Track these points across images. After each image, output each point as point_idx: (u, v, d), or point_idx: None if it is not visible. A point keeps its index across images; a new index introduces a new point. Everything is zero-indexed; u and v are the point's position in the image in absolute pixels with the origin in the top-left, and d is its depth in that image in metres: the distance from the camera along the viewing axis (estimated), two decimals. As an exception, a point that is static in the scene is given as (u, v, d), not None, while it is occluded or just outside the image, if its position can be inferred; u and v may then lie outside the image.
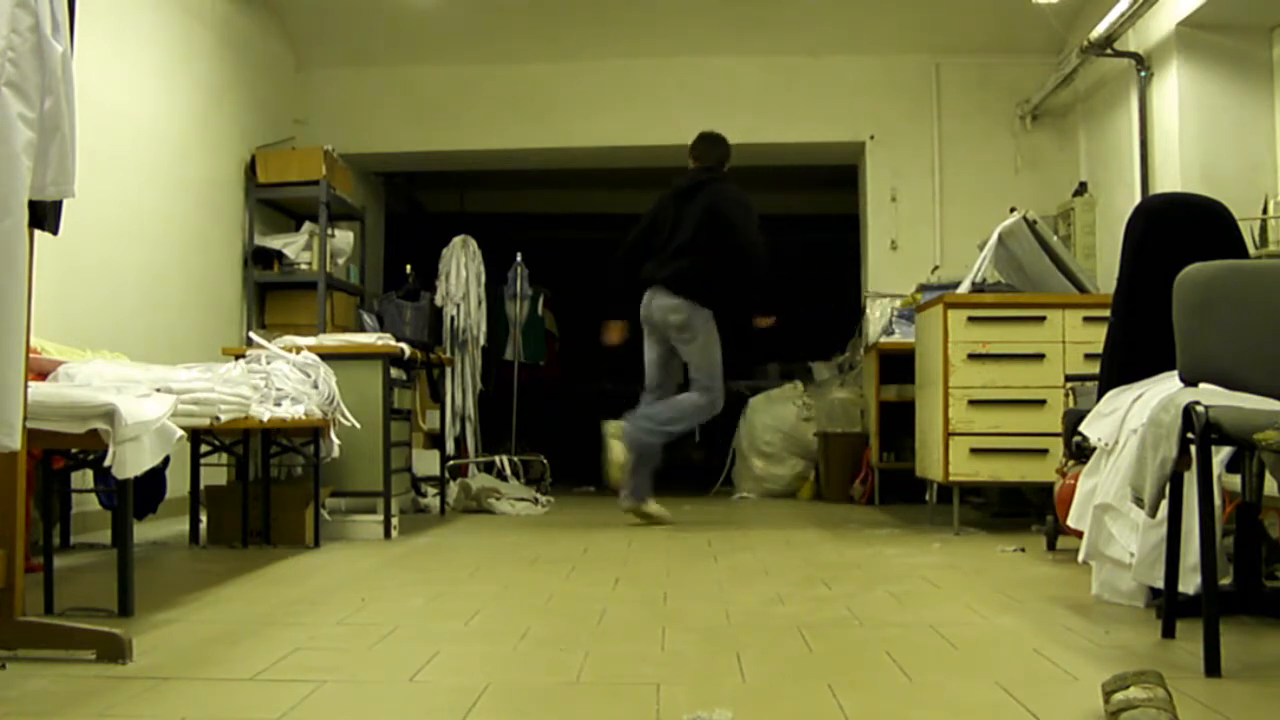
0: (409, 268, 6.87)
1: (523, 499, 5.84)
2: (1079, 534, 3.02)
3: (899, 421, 5.83)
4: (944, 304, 4.60)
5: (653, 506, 4.96)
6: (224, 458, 4.33)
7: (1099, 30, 5.40)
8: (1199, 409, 2.13)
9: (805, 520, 5.28)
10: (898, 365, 5.85)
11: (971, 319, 4.56)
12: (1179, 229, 3.02)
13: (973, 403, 4.51)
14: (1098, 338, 3.47)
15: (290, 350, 4.20)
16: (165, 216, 5.31)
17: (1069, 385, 4.33)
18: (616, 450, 4.94)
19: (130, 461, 2.46)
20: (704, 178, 5.18)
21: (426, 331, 6.50)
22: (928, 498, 5.15)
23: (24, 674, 2.04)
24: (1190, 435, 2.17)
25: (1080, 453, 3.28)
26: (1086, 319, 4.49)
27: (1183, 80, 5.10)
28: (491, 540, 4.49)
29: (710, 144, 5.29)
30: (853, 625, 2.62)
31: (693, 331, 4.98)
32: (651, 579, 3.38)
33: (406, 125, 7.16)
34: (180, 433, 2.68)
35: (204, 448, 4.15)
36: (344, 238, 6.51)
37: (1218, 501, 2.30)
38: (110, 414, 2.41)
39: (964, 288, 4.91)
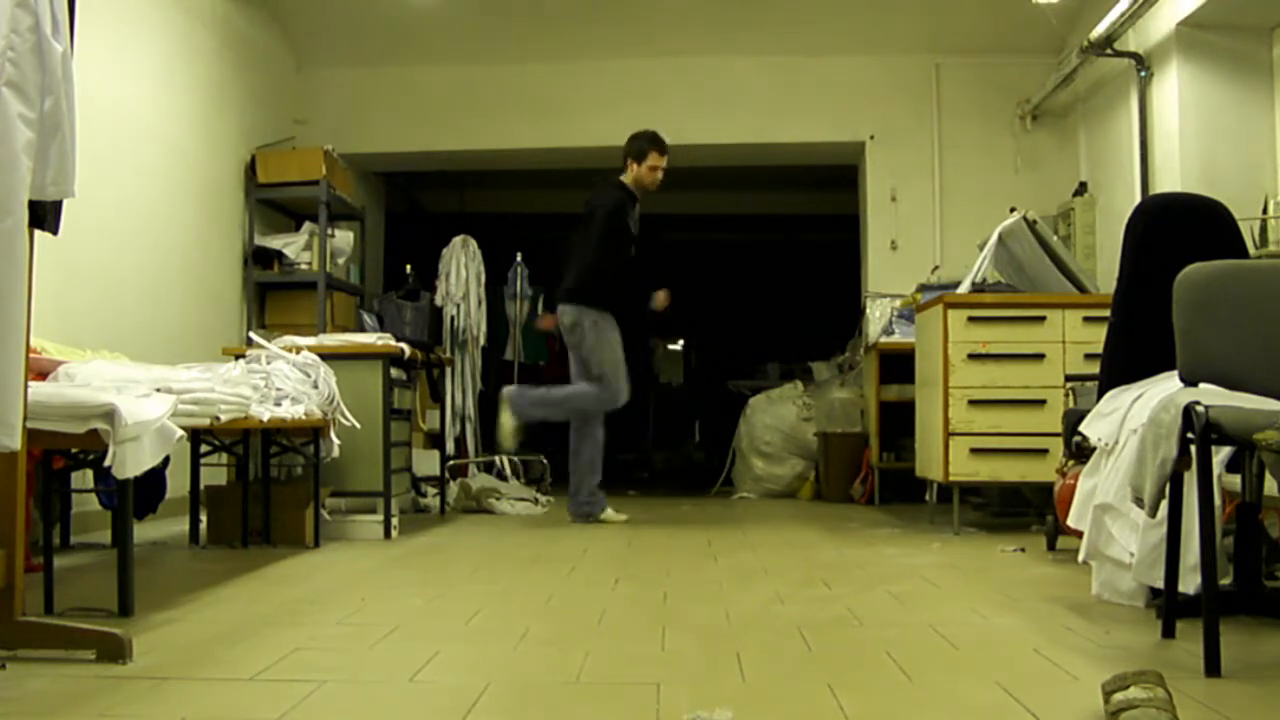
0: (409, 268, 6.87)
1: (523, 499, 5.84)
2: (1079, 534, 3.02)
3: (899, 421, 5.83)
4: (944, 304, 4.60)
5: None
6: (224, 458, 4.33)
7: (1099, 30, 5.40)
8: (1199, 409, 2.13)
9: (805, 520, 5.28)
10: (898, 365, 5.85)
11: (971, 319, 4.56)
12: (1179, 229, 3.02)
13: (973, 403, 4.51)
14: (1098, 337, 3.46)
15: (290, 350, 4.20)
16: (165, 216, 5.31)
17: (1069, 385, 4.33)
18: (505, 420, 5.04)
19: (130, 461, 2.46)
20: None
21: (426, 331, 6.50)
22: (928, 498, 5.15)
23: (24, 674, 2.04)
24: (1190, 435, 2.17)
25: (1080, 453, 3.28)
26: (1086, 319, 4.49)
27: (1183, 80, 5.10)
28: (491, 540, 4.49)
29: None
30: (853, 625, 2.62)
31: (580, 333, 5.03)
32: (651, 579, 3.38)
33: (406, 125, 7.16)
34: (180, 433, 2.68)
35: (204, 448, 4.15)
36: (344, 238, 6.51)
37: (1218, 501, 2.30)
38: (110, 414, 2.41)
39: (964, 288, 4.91)
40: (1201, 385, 2.41)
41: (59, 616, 2.56)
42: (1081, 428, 3.07)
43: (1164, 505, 2.31)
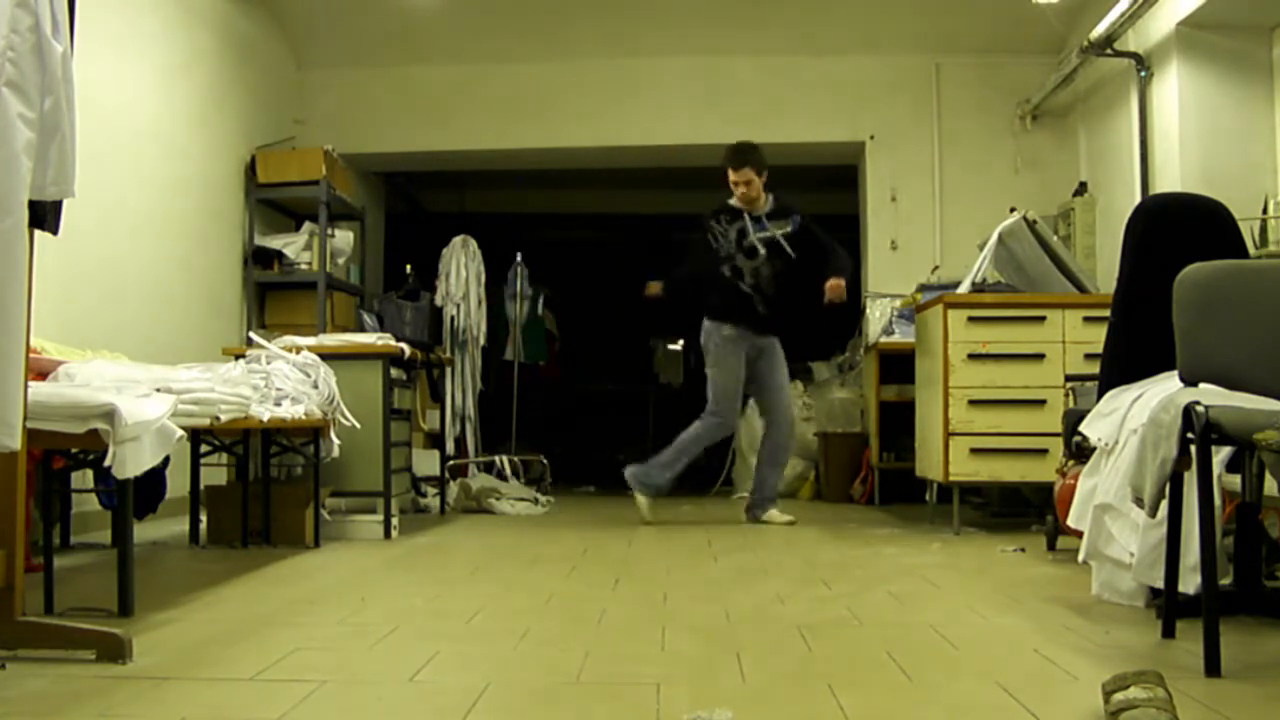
0: (409, 268, 6.87)
1: (523, 499, 5.84)
2: (1079, 534, 3.02)
3: (899, 421, 5.83)
4: (944, 304, 4.60)
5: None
6: (224, 458, 4.33)
7: (1099, 30, 5.40)
8: (1199, 409, 2.13)
9: (805, 520, 5.27)
10: (898, 365, 5.85)
11: (971, 319, 4.56)
12: (1179, 229, 3.02)
13: (973, 403, 4.50)
14: (1098, 337, 3.47)
15: (290, 350, 4.20)
16: (165, 216, 5.31)
17: (1069, 385, 4.33)
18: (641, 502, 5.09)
19: (130, 461, 2.46)
20: None
21: (426, 331, 6.50)
22: (928, 498, 5.15)
23: (24, 674, 2.04)
24: (1190, 435, 2.17)
25: (1080, 453, 3.28)
26: (1086, 319, 4.49)
27: (1183, 80, 5.10)
28: (491, 540, 4.49)
29: None
30: (853, 625, 2.62)
31: (705, 351, 5.27)
32: (651, 579, 3.38)
33: (406, 125, 7.16)
34: (180, 433, 2.68)
35: (204, 448, 4.15)
36: (344, 238, 6.51)
37: (1218, 501, 2.30)
38: (110, 414, 2.41)
39: (964, 288, 4.91)
40: (1201, 385, 2.42)
41: (59, 616, 2.56)
42: (1081, 428, 3.07)
43: (1164, 505, 2.31)
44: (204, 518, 4.22)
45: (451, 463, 6.07)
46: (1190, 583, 2.50)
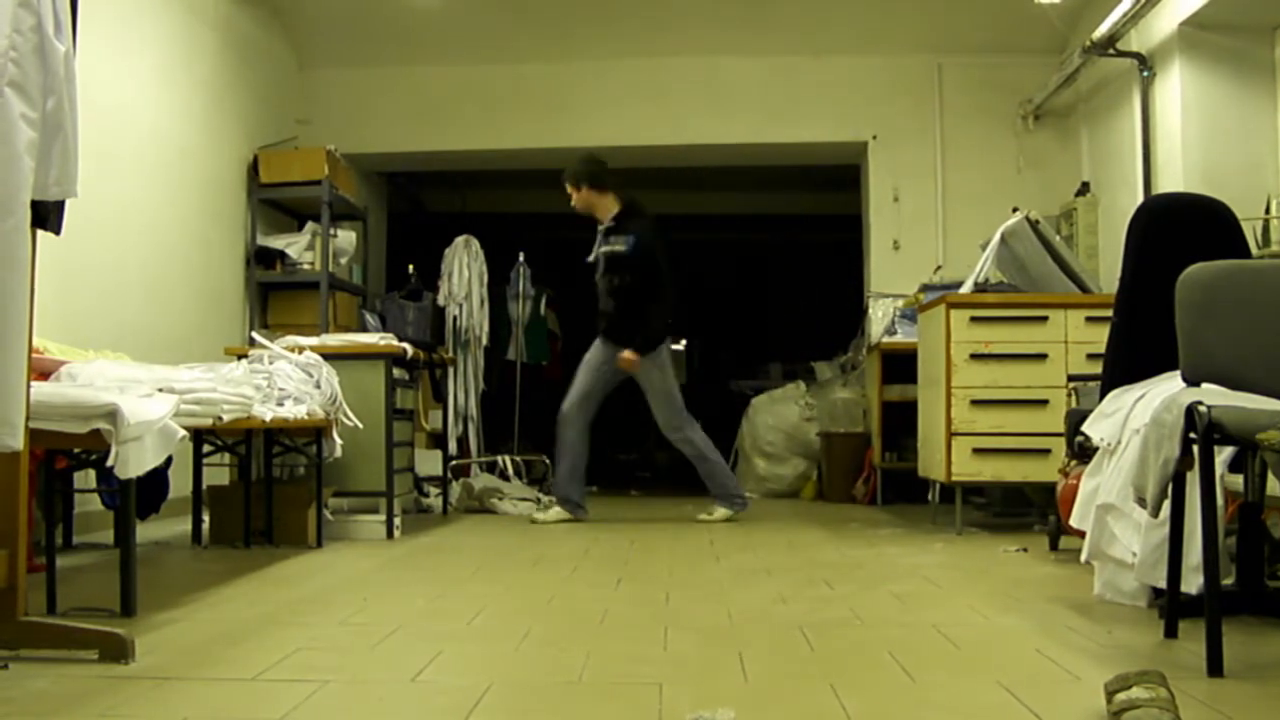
0: (411, 267, 6.87)
1: (525, 499, 5.84)
2: (1081, 534, 3.02)
3: (901, 421, 5.82)
4: (946, 304, 4.60)
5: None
6: (226, 458, 4.33)
7: (1101, 30, 5.39)
8: (1201, 409, 2.13)
9: (807, 520, 5.28)
10: (900, 365, 5.85)
11: (974, 319, 4.56)
12: (1181, 229, 3.02)
13: (975, 403, 4.50)
14: (1100, 338, 3.47)
15: (293, 350, 4.20)
16: (168, 217, 5.32)
17: (1071, 385, 4.32)
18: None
19: (132, 461, 2.46)
20: None
21: (429, 331, 6.50)
22: (930, 498, 5.15)
23: (26, 674, 2.04)
24: (1193, 435, 2.16)
25: (1083, 453, 3.28)
26: (1089, 319, 4.49)
27: (1185, 80, 5.09)
28: (494, 540, 4.49)
29: None
30: (855, 625, 2.62)
31: None
32: (653, 579, 3.38)
33: (409, 125, 7.16)
34: (182, 433, 2.68)
35: (206, 448, 4.15)
36: (346, 237, 6.51)
37: (1220, 501, 2.30)
38: (113, 414, 2.41)
39: (966, 288, 4.91)
40: (1204, 385, 2.41)
41: (61, 616, 2.56)
42: (1084, 428, 3.07)
43: (1166, 505, 2.31)
44: (206, 518, 4.22)
45: (454, 463, 6.08)
46: (1193, 583, 2.49)
